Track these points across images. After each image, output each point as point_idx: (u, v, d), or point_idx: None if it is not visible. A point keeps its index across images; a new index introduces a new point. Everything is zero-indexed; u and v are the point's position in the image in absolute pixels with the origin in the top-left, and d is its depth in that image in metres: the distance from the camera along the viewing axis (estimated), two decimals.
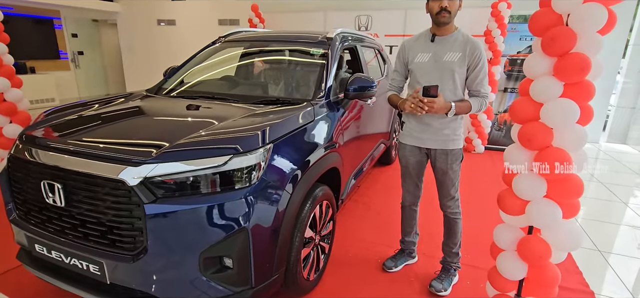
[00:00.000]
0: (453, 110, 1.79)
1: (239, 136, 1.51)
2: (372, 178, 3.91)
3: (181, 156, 1.38)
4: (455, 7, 1.76)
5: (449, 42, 1.83)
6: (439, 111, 1.77)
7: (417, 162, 2.07)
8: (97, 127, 1.72)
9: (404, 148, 2.08)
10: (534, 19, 1.39)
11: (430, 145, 1.96)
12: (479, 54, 1.80)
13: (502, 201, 1.55)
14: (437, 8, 1.76)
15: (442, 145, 1.93)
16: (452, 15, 1.77)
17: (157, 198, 1.33)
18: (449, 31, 1.84)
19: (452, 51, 1.81)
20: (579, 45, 1.28)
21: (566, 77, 1.31)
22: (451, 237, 2.13)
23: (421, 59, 1.90)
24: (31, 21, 7.86)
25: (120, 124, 1.80)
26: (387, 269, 2.27)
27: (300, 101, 2.13)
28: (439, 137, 1.92)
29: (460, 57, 1.80)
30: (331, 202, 2.15)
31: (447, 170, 1.96)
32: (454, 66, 1.81)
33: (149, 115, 1.98)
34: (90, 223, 1.42)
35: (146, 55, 8.61)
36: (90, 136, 1.58)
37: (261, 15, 6.17)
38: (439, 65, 1.84)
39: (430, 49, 1.87)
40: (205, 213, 1.36)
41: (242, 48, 2.96)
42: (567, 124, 1.33)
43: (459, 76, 1.83)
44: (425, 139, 1.96)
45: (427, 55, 1.88)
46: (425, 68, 1.88)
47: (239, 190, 1.42)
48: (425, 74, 1.88)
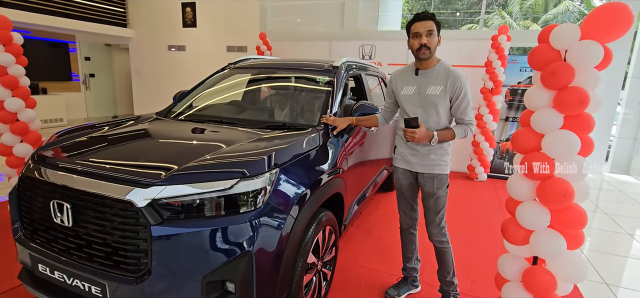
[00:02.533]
0: (435, 139, 1.88)
1: (245, 160, 1.55)
2: (375, 204, 3.90)
3: (189, 179, 1.41)
4: (434, 43, 1.85)
5: (431, 75, 1.92)
6: (422, 140, 1.87)
7: (409, 184, 2.13)
8: (108, 149, 1.76)
9: (396, 171, 2.17)
10: (533, 54, 1.45)
11: (418, 169, 2.03)
12: (460, 85, 1.87)
13: (506, 230, 1.55)
14: (417, 45, 1.86)
15: (429, 169, 2.00)
16: (432, 51, 1.86)
17: (163, 220, 1.35)
18: (431, 65, 1.93)
19: (435, 85, 1.90)
20: (577, 79, 1.33)
21: (566, 109, 1.35)
22: (443, 265, 2.15)
23: (407, 92, 2.00)
24: (47, 45, 8.16)
25: (130, 145, 1.84)
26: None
27: (306, 127, 2.18)
28: (426, 162, 2.00)
29: (442, 90, 1.88)
30: (334, 228, 2.15)
31: (434, 194, 2.01)
32: (436, 100, 1.90)
33: (158, 137, 2.03)
34: (95, 244, 1.43)
35: (155, 80, 8.82)
36: (101, 157, 1.62)
37: (269, 43, 6.36)
38: (422, 97, 1.94)
39: (414, 82, 1.97)
40: (210, 237, 1.38)
41: (251, 75, 3.05)
42: (568, 155, 1.35)
43: (441, 108, 1.91)
44: (414, 163, 2.05)
45: (412, 88, 1.98)
46: (411, 100, 1.98)
47: (244, 214, 1.44)
48: (412, 106, 1.98)
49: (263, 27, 7.02)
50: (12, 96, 2.82)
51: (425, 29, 1.83)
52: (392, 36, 5.91)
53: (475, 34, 8.39)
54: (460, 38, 5.54)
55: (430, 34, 1.83)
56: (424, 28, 1.83)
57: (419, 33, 1.84)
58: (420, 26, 1.84)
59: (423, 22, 1.84)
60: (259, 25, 7.08)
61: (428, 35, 1.83)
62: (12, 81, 2.78)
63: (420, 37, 1.84)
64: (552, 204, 1.38)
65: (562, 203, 1.36)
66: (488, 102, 4.76)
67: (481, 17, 9.17)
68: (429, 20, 1.84)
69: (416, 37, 1.86)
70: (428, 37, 1.83)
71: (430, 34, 1.83)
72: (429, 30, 1.83)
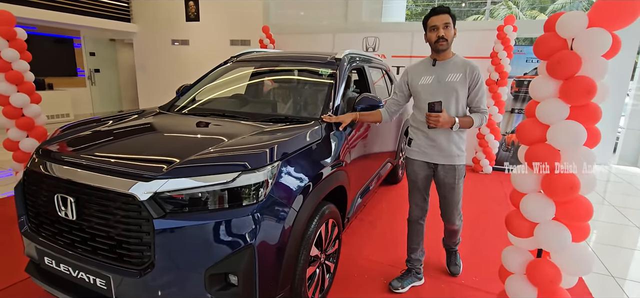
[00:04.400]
0: (457, 124, 1.95)
1: (247, 153, 1.55)
2: (378, 197, 3.89)
3: (191, 172, 1.42)
4: (450, 34, 1.95)
5: (449, 65, 2.01)
6: (444, 125, 1.93)
7: (425, 177, 2.18)
8: (111, 143, 1.77)
9: (412, 163, 2.21)
10: (539, 43, 1.41)
11: (438, 160, 2.08)
12: (477, 75, 1.98)
13: (510, 223, 1.54)
14: (435, 37, 1.95)
15: (449, 160, 2.06)
16: (449, 42, 1.95)
17: (166, 213, 1.36)
18: (448, 56, 2.02)
19: (454, 73, 1.99)
20: (584, 68, 1.30)
21: (572, 99, 1.32)
22: (452, 238, 2.37)
23: (425, 81, 2.06)
24: (52, 40, 8.21)
25: (133, 139, 1.85)
26: (393, 290, 2.25)
27: (308, 120, 2.17)
28: (446, 153, 2.06)
29: (461, 77, 1.97)
30: (337, 221, 2.15)
31: (454, 185, 2.09)
32: (457, 86, 1.98)
33: (161, 131, 2.03)
34: (99, 237, 1.44)
35: (159, 74, 8.85)
36: (104, 151, 1.63)
37: (272, 37, 6.33)
38: (442, 85, 2.00)
39: (432, 72, 2.04)
40: (212, 229, 1.38)
41: (253, 68, 3.04)
42: (574, 146, 1.33)
43: (461, 94, 1.99)
44: (432, 154, 2.09)
45: (431, 77, 2.04)
46: (430, 89, 2.04)
47: (246, 207, 1.44)
48: (430, 94, 2.03)
49: (266, 21, 6.99)
50: (17, 91, 2.85)
51: (442, 22, 1.92)
52: (396, 28, 5.85)
53: (480, 25, 8.27)
54: (465, 29, 5.46)
55: (447, 27, 1.93)
56: (440, 21, 1.92)
57: (436, 26, 1.93)
58: (437, 19, 1.93)
59: (439, 16, 1.93)
60: (262, 18, 7.04)
61: (445, 27, 1.92)
62: (17, 77, 2.80)
63: (437, 29, 1.93)
64: (557, 196, 1.36)
65: (567, 195, 1.33)
66: (493, 94, 4.70)
67: (487, 7, 9.03)
68: (445, 13, 1.93)
69: (433, 30, 1.95)
70: (445, 29, 1.92)
71: (446, 27, 1.93)
72: (446, 23, 1.92)
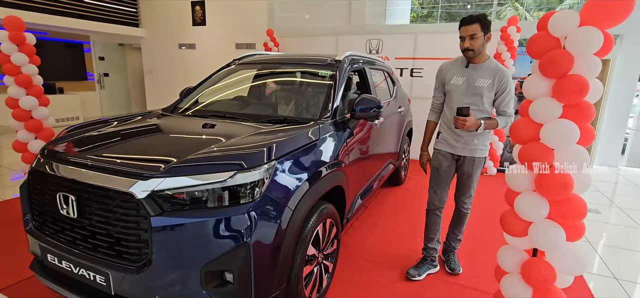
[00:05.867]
0: (482, 127, 2.10)
1: (244, 153, 1.57)
2: (381, 198, 3.89)
3: (188, 171, 1.45)
4: (478, 44, 2.05)
5: (481, 69, 2.13)
6: (471, 127, 2.08)
7: (449, 166, 2.33)
8: (112, 143, 1.82)
9: (438, 153, 2.36)
10: (531, 42, 1.42)
11: (461, 152, 2.26)
12: (506, 82, 2.11)
13: (505, 222, 1.53)
14: (463, 47, 2.10)
15: (472, 153, 2.24)
16: (476, 51, 2.07)
17: (163, 211, 1.39)
18: (481, 60, 2.14)
19: (483, 78, 2.12)
20: (576, 67, 1.30)
21: (565, 98, 1.32)
22: (459, 226, 2.46)
23: (456, 82, 2.20)
24: (63, 45, 8.41)
25: (134, 140, 1.90)
26: (410, 277, 2.39)
27: (307, 121, 2.19)
28: (470, 146, 2.23)
29: (490, 83, 2.11)
30: (336, 221, 2.16)
31: (472, 174, 2.28)
32: (484, 91, 2.12)
33: (162, 132, 2.08)
34: (99, 235, 1.48)
35: (166, 77, 8.99)
36: (105, 151, 1.68)
37: (276, 40, 6.39)
38: (470, 88, 2.15)
39: (464, 73, 2.17)
40: (208, 227, 1.41)
41: (255, 70, 3.08)
42: (567, 145, 1.32)
43: (487, 99, 2.14)
44: (457, 147, 2.27)
45: (462, 79, 2.18)
46: (459, 90, 2.19)
47: (242, 205, 1.47)
48: (460, 95, 2.19)
49: (271, 24, 7.06)
50: (26, 94, 2.94)
51: (468, 33, 2.04)
52: (399, 30, 5.85)
53: None
54: None
55: (473, 38, 2.03)
56: (466, 32, 2.05)
57: (463, 37, 2.07)
58: (464, 31, 2.06)
59: (466, 27, 2.05)
60: (267, 22, 7.12)
61: (471, 38, 2.04)
62: (26, 80, 2.89)
63: (464, 40, 2.07)
64: (550, 195, 1.36)
65: (561, 194, 1.33)
66: None
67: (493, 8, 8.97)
68: (473, 23, 2.03)
69: (462, 40, 2.08)
70: (471, 40, 2.04)
71: (473, 38, 2.04)
72: (472, 34, 2.03)
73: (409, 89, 5.42)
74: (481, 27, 2.02)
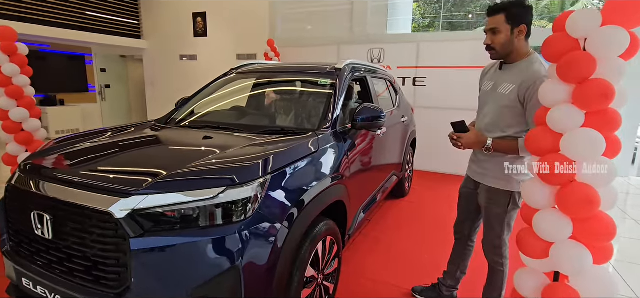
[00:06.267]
0: (488, 146, 1.61)
1: (235, 166, 1.46)
2: (384, 211, 3.75)
3: (173, 187, 1.33)
4: (501, 40, 1.58)
5: (511, 71, 1.63)
6: (470, 147, 1.68)
7: (468, 194, 1.92)
8: (98, 158, 1.71)
9: (465, 176, 1.97)
10: (547, 44, 1.30)
11: (476, 177, 1.81)
12: (534, 89, 1.49)
13: (522, 241, 1.39)
14: (485, 45, 1.65)
15: (482, 179, 1.75)
16: (499, 51, 1.60)
17: (144, 231, 1.26)
18: (516, 59, 1.62)
19: (508, 82, 1.62)
20: (599, 70, 1.18)
21: (587, 105, 1.20)
22: (490, 285, 1.90)
23: (485, 87, 1.79)
24: (65, 57, 8.41)
25: (122, 154, 1.78)
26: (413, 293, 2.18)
27: (305, 131, 2.08)
28: (481, 170, 1.75)
29: (512, 89, 1.58)
30: (336, 238, 2.02)
31: (487, 208, 1.75)
32: (505, 100, 1.61)
33: (152, 145, 1.97)
34: (76, 258, 1.36)
35: (168, 88, 8.96)
36: (88, 166, 1.56)
37: (277, 50, 6.34)
38: (494, 96, 1.68)
39: (495, 77, 1.74)
40: (195, 250, 1.28)
41: (253, 79, 2.99)
42: (592, 157, 1.19)
43: (511, 111, 1.59)
44: (474, 169, 1.83)
45: (490, 83, 1.75)
46: (484, 98, 1.78)
47: (232, 225, 1.34)
48: (483, 104, 1.78)
49: (272, 34, 7.02)
50: (17, 106, 2.85)
51: (489, 26, 1.60)
52: (401, 39, 5.77)
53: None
54: (474, 38, 5.36)
55: (495, 32, 1.58)
56: (488, 26, 1.60)
57: (485, 31, 1.63)
58: (486, 24, 1.62)
59: (488, 19, 1.60)
60: (268, 32, 7.08)
61: (492, 33, 1.59)
62: (17, 91, 2.81)
63: (486, 36, 1.63)
64: (574, 213, 1.22)
65: (586, 211, 1.20)
66: None
67: None
68: (497, 14, 1.57)
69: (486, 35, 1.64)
70: (492, 35, 1.59)
71: (494, 32, 1.58)
72: (492, 28, 1.58)
73: (412, 98, 5.31)
74: (507, 18, 1.55)
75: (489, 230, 1.78)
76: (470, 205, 1.93)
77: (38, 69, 7.12)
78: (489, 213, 1.75)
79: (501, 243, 1.75)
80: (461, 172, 2.02)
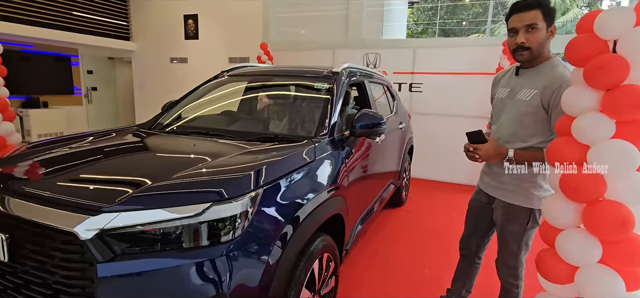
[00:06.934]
0: (510, 157, 1.46)
1: (223, 179, 1.29)
2: (381, 221, 3.60)
3: (151, 202, 1.16)
4: (538, 39, 1.39)
5: (531, 75, 1.48)
6: (490, 159, 1.52)
7: (478, 208, 1.77)
8: (68, 168, 1.52)
9: (476, 188, 1.82)
10: (573, 46, 1.18)
11: (490, 191, 1.66)
12: (560, 92, 1.33)
13: (542, 264, 1.26)
14: (513, 45, 1.45)
15: (499, 194, 1.60)
16: (534, 51, 1.41)
17: (115, 255, 1.09)
18: (536, 62, 1.48)
19: (528, 87, 1.46)
20: (633, 75, 1.05)
21: (619, 113, 1.07)
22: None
23: (501, 94, 1.62)
24: (50, 58, 8.11)
25: (96, 163, 1.59)
26: None
27: (301, 138, 1.93)
28: (497, 183, 1.60)
29: (535, 95, 1.43)
30: (333, 255, 1.86)
31: (503, 226, 1.61)
32: (526, 107, 1.46)
33: (131, 153, 1.79)
34: (35, 286, 1.17)
35: (157, 92, 8.71)
36: (55, 178, 1.37)
37: (270, 53, 6.19)
38: (512, 103, 1.53)
39: (511, 83, 1.57)
40: (175, 276, 1.11)
41: (245, 82, 2.83)
42: (624, 171, 1.06)
43: (532, 118, 1.44)
44: (487, 182, 1.68)
45: (506, 90, 1.59)
46: (500, 105, 1.62)
47: (218, 246, 1.17)
48: (499, 112, 1.62)
49: (266, 38, 6.88)
50: None
51: (523, 23, 1.39)
52: (397, 44, 5.69)
53: (486, 41, 8.12)
54: (471, 45, 5.31)
55: (533, 29, 1.38)
56: (521, 22, 1.40)
57: (516, 29, 1.42)
58: (517, 20, 1.41)
59: (521, 14, 1.40)
60: (261, 36, 6.94)
61: (528, 31, 1.39)
62: None
63: (516, 34, 1.43)
64: (605, 234, 1.09)
65: (618, 233, 1.06)
66: None
67: (487, 25, 8.97)
68: (533, 9, 1.37)
69: (513, 34, 1.45)
70: (527, 33, 1.39)
71: (531, 29, 1.39)
72: (530, 25, 1.38)
73: (408, 104, 5.21)
74: (544, 15, 1.38)
75: (504, 248, 1.64)
76: (481, 220, 1.78)
77: (20, 70, 6.91)
78: (505, 231, 1.61)
79: (518, 263, 1.62)
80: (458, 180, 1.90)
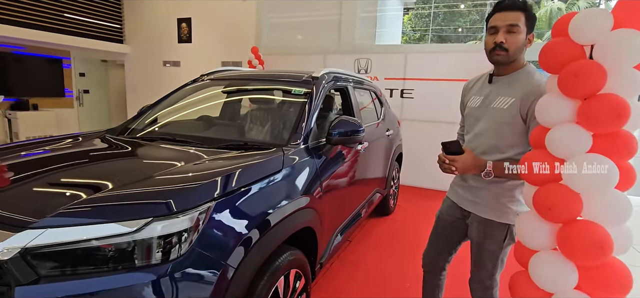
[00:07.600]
0: (488, 171, 1.36)
1: (167, 191, 1.19)
2: (366, 230, 3.49)
3: (82, 218, 1.05)
4: (517, 42, 1.34)
5: (508, 83, 1.41)
6: (467, 171, 1.42)
7: (450, 223, 1.66)
8: (11, 178, 1.42)
9: (445, 200, 1.72)
10: (546, 51, 1.08)
11: (466, 206, 1.56)
12: None
13: (515, 288, 1.15)
14: (491, 44, 1.38)
15: (476, 209, 1.51)
16: (510, 53, 1.35)
17: (40, 277, 0.98)
18: (511, 69, 1.42)
19: (505, 95, 1.40)
20: (610, 83, 0.96)
21: (595, 125, 0.98)
22: None
23: (473, 103, 1.54)
24: (42, 60, 8.02)
25: (44, 173, 1.46)
26: None
27: (271, 146, 1.83)
28: (474, 198, 1.51)
29: (512, 103, 1.37)
30: (304, 270, 1.76)
31: (479, 244, 1.52)
32: (503, 116, 1.39)
33: (88, 161, 1.68)
34: None
35: (149, 95, 8.54)
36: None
37: (261, 58, 6.12)
38: (488, 112, 1.46)
39: (485, 91, 1.50)
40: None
41: (223, 87, 2.74)
42: (602, 189, 0.96)
43: (511, 128, 1.38)
44: (461, 195, 1.58)
45: (479, 98, 1.51)
46: (474, 114, 1.53)
47: (157, 266, 1.07)
48: (474, 121, 1.53)
49: (258, 42, 6.81)
50: None
51: (506, 22, 1.33)
52: (389, 50, 5.62)
53: (478, 47, 8.06)
54: (463, 51, 5.23)
55: (512, 31, 1.33)
56: (503, 21, 1.34)
57: (497, 27, 1.36)
58: (499, 18, 1.36)
59: (505, 13, 1.34)
60: (254, 40, 6.88)
61: (508, 31, 1.33)
62: None
63: (496, 33, 1.36)
64: (581, 259, 0.98)
65: (595, 258, 0.96)
66: None
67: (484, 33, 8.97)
68: (517, 11, 1.33)
69: (493, 32, 1.37)
70: (508, 33, 1.33)
71: (511, 31, 1.33)
72: (512, 25, 1.33)
73: (399, 110, 5.11)
74: (526, 19, 1.33)
75: (480, 268, 1.54)
76: (452, 237, 1.67)
77: (11, 72, 6.82)
78: (481, 249, 1.51)
79: (493, 283, 1.53)
80: None
